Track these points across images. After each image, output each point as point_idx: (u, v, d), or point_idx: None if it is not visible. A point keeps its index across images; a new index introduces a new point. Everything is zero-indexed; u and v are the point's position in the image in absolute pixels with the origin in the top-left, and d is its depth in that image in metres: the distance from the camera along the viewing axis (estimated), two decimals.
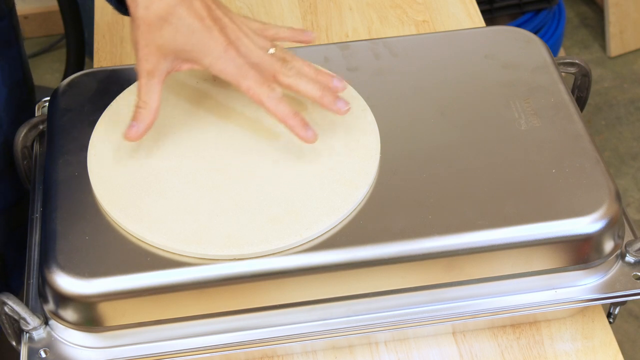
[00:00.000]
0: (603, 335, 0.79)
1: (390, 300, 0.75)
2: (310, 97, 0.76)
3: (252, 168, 0.77)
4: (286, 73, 0.75)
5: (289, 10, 1.11)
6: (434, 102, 0.84)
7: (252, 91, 0.74)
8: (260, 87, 0.73)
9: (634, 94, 2.20)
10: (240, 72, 0.73)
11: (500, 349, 0.78)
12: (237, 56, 0.73)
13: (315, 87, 0.75)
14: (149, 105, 0.74)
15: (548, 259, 0.75)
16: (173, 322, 0.73)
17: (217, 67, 0.74)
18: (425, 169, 0.78)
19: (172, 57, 0.74)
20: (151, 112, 0.75)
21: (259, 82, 0.73)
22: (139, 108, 0.75)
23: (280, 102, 0.74)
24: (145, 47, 0.73)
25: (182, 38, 0.73)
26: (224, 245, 0.72)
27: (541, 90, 0.85)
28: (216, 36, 0.73)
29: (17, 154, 0.85)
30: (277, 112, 0.74)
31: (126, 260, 0.72)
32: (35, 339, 0.74)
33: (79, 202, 0.76)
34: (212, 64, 0.74)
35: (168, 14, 0.72)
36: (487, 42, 0.91)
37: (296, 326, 0.74)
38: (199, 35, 0.73)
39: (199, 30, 0.73)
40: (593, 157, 0.78)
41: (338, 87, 0.77)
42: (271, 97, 0.74)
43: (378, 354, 0.78)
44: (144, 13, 0.72)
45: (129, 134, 0.75)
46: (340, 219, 0.74)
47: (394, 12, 1.11)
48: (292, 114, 0.74)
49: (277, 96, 0.74)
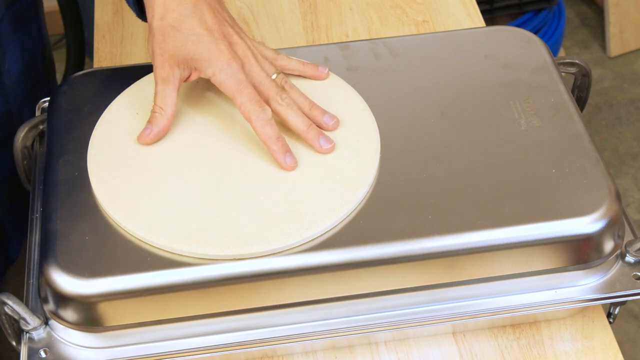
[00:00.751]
0: (603, 335, 0.79)
1: (390, 300, 0.75)
2: (295, 129, 0.78)
3: (252, 168, 0.77)
4: (279, 101, 0.77)
5: (289, 10, 1.11)
6: (434, 102, 0.84)
7: (244, 107, 0.76)
8: (253, 105, 0.76)
9: (634, 94, 2.20)
10: (238, 87, 0.76)
11: (500, 349, 0.78)
12: (239, 71, 0.76)
13: (302, 121, 0.78)
14: (165, 111, 0.78)
15: (548, 259, 0.75)
16: (173, 322, 0.73)
17: (218, 78, 0.77)
18: (425, 169, 0.78)
19: (183, 66, 0.77)
20: (166, 117, 0.78)
21: (253, 101, 0.76)
22: (154, 113, 0.78)
23: (267, 124, 0.76)
24: (160, 56, 0.77)
25: (191, 46, 0.76)
26: (224, 245, 0.72)
27: (541, 90, 0.85)
28: (222, 49, 0.76)
29: (17, 154, 0.86)
30: (261, 133, 0.76)
31: (126, 260, 0.72)
32: (35, 339, 0.74)
33: (79, 202, 0.76)
34: (214, 75, 0.77)
35: (180, 23, 0.76)
36: (487, 42, 0.91)
37: (296, 326, 0.74)
38: (206, 45, 0.76)
39: (207, 41, 0.76)
40: (593, 157, 0.78)
41: (328, 124, 0.80)
42: (260, 117, 0.76)
43: (378, 354, 0.78)
44: (159, 23, 0.77)
45: (143, 137, 0.78)
46: (340, 219, 0.74)
47: (394, 12, 1.11)
48: (275, 138, 0.76)
49: (266, 117, 0.76)
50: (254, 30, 1.09)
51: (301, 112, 0.78)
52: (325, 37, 1.08)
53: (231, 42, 0.77)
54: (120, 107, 0.83)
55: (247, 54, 0.78)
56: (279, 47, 1.05)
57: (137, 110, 0.82)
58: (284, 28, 1.09)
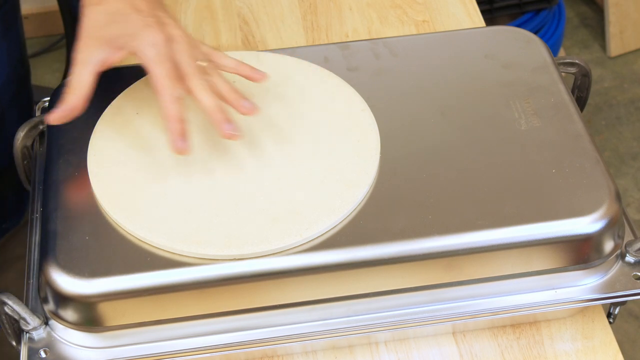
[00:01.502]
0: (603, 335, 0.79)
1: (390, 300, 0.75)
2: (204, 109, 0.75)
3: (252, 168, 0.77)
4: (194, 80, 0.75)
5: (289, 10, 1.11)
6: (434, 102, 0.84)
7: (158, 80, 0.74)
8: (166, 80, 0.74)
9: (634, 94, 2.20)
10: (158, 59, 0.74)
11: (500, 349, 0.78)
12: (162, 44, 0.74)
13: (213, 102, 0.75)
14: (77, 92, 0.75)
15: (548, 259, 0.75)
16: (173, 322, 0.73)
17: (140, 50, 0.74)
18: (425, 169, 0.78)
19: (106, 47, 0.75)
20: (77, 98, 0.75)
21: (168, 76, 0.74)
22: (65, 93, 0.76)
23: (175, 101, 0.74)
24: (83, 39, 0.76)
25: (117, 25, 0.75)
26: (224, 245, 0.72)
27: (541, 90, 0.85)
28: (149, 23, 0.75)
29: (17, 154, 0.86)
30: (165, 108, 0.74)
31: (126, 260, 0.72)
32: (35, 339, 0.74)
33: (79, 202, 0.76)
34: (138, 48, 0.75)
35: (110, 7, 0.75)
36: (487, 42, 0.91)
37: (296, 326, 0.74)
38: (133, 22, 0.75)
39: (134, 19, 0.75)
40: (593, 157, 0.78)
41: (245, 106, 0.76)
42: (168, 93, 0.74)
43: (378, 354, 0.78)
44: (90, 9, 0.76)
45: (50, 115, 0.76)
46: (340, 219, 0.74)
47: (394, 12, 1.11)
48: (176, 118, 0.74)
49: (175, 94, 0.74)
50: (254, 30, 1.09)
51: (215, 95, 0.75)
52: (325, 37, 1.07)
53: (162, 22, 0.76)
54: (120, 107, 0.83)
55: (177, 33, 0.76)
56: (279, 47, 1.05)
57: (137, 110, 0.82)
58: (284, 28, 1.09)
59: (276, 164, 0.78)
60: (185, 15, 1.10)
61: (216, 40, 1.07)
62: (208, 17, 1.11)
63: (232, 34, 1.08)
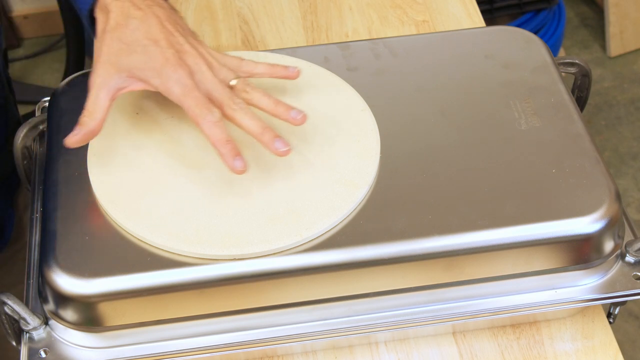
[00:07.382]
0: (603, 335, 0.79)
1: (390, 300, 0.75)
2: (250, 133, 0.75)
3: (252, 168, 0.77)
4: (232, 106, 0.74)
5: (289, 10, 1.11)
6: (434, 102, 0.84)
7: (192, 111, 0.74)
8: (200, 108, 0.73)
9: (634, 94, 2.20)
10: (184, 92, 0.74)
11: (500, 349, 0.78)
12: (186, 77, 0.74)
13: (256, 124, 0.74)
14: (94, 116, 0.75)
15: (548, 259, 0.75)
16: (173, 322, 0.73)
17: (165, 87, 0.74)
18: (425, 169, 0.78)
19: (125, 75, 0.75)
20: (94, 121, 0.75)
21: (200, 104, 0.74)
22: (82, 117, 0.75)
23: (215, 126, 0.73)
24: (102, 63, 0.75)
25: (137, 57, 0.75)
26: (224, 245, 0.72)
27: (541, 90, 0.85)
28: (168, 57, 0.74)
29: (17, 154, 0.86)
30: (210, 135, 0.73)
31: (126, 260, 0.72)
32: (35, 339, 0.74)
33: (79, 202, 0.76)
34: (162, 84, 0.75)
35: (127, 36, 0.75)
36: (487, 42, 0.91)
37: (296, 326, 0.74)
38: (152, 54, 0.74)
39: (152, 51, 0.74)
40: (593, 157, 0.78)
41: (296, 118, 0.76)
42: (207, 119, 0.73)
43: (378, 354, 0.78)
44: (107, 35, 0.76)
45: (69, 138, 0.75)
46: (340, 219, 0.74)
47: (394, 12, 1.11)
48: (224, 141, 0.73)
49: (214, 119, 0.73)
50: (254, 30, 1.09)
51: (256, 115, 0.75)
52: (325, 37, 1.08)
53: (180, 50, 0.75)
54: (121, 107, 0.83)
55: (197, 61, 0.75)
56: (279, 47, 1.05)
57: (136, 110, 0.82)
58: (284, 28, 1.09)
59: (276, 164, 0.78)
60: (185, 15, 1.10)
61: (216, 40, 1.07)
62: (208, 17, 1.11)
63: (232, 34, 1.08)
